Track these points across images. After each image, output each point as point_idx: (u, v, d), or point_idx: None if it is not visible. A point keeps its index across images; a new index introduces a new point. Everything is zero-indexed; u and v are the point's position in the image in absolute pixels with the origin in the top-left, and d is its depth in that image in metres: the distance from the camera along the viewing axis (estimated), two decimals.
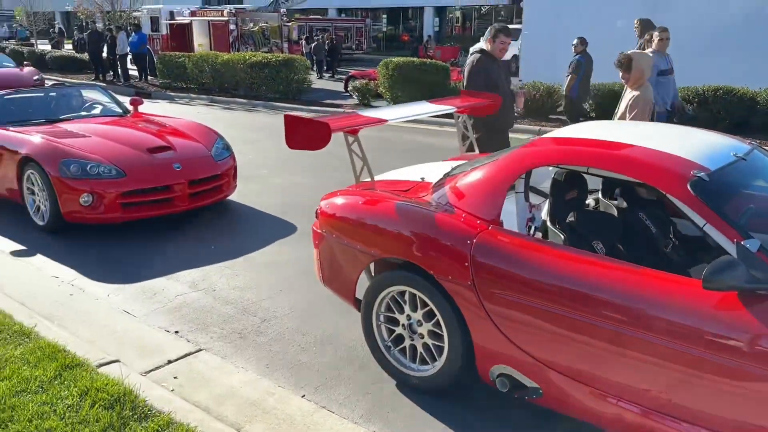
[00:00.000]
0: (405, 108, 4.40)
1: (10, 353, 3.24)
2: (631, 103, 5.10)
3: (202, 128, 6.75)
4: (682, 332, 2.30)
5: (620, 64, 5.12)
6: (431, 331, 3.12)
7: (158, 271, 4.86)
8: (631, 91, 5.20)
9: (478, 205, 3.03)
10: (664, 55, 7.02)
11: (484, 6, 38.59)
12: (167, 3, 29.07)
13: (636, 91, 5.11)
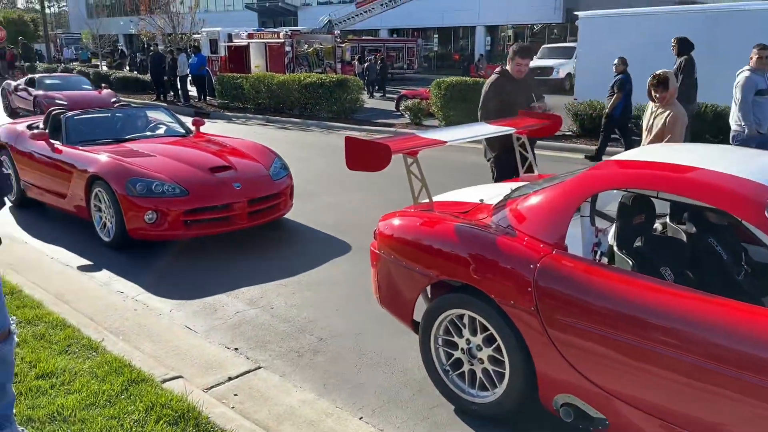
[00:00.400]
0: (464, 129, 4.39)
1: (79, 367, 3.35)
2: (670, 121, 5.07)
3: (261, 148, 6.91)
4: (757, 365, 2.19)
5: (658, 82, 5.14)
6: (491, 356, 3.08)
7: (218, 287, 4.96)
8: (663, 108, 5.17)
9: (542, 229, 2.98)
10: (764, 74, 6.75)
11: (536, 24, 38.37)
12: (226, 26, 30.04)
13: (668, 109, 5.12)
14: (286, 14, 47.03)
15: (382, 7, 30.06)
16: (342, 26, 29.43)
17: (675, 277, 3.06)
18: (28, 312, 4.05)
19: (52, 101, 13.52)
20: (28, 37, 41.75)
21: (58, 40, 44.82)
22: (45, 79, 16.45)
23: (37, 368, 3.32)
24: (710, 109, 10.49)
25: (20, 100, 16.13)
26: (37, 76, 16.72)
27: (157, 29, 21.54)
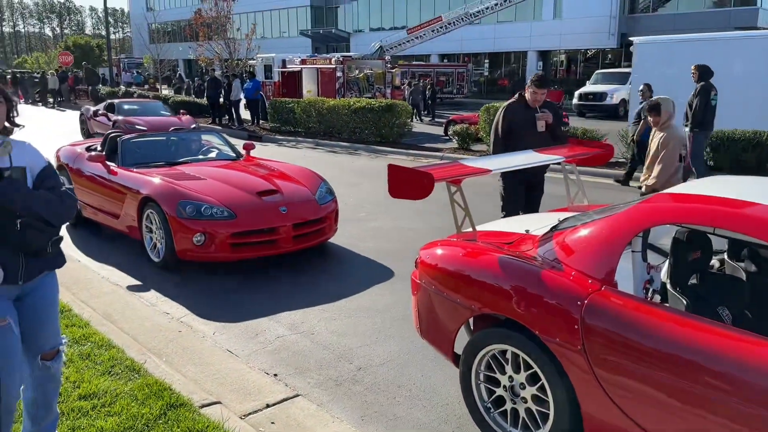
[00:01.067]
0: (510, 158, 4.31)
1: (120, 388, 3.39)
2: (662, 141, 5.62)
3: (308, 172, 6.97)
4: None
5: (651, 108, 5.72)
6: (535, 395, 2.95)
7: (261, 311, 4.97)
8: (659, 132, 5.72)
9: (591, 264, 2.86)
10: None
11: (590, 49, 37.92)
12: (281, 51, 30.81)
13: (663, 132, 5.66)
14: (339, 40, 47.98)
15: (432, 33, 30.36)
16: (393, 52, 29.80)
17: (733, 317, 2.89)
18: (76, 331, 4.14)
19: (132, 127, 13.27)
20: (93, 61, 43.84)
21: (121, 64, 46.88)
22: (123, 104, 16.29)
23: (80, 388, 3.37)
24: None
25: (99, 125, 15.89)
26: (116, 102, 16.58)
27: (214, 55, 22.23)
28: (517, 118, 5.56)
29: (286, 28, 53.00)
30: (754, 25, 28.33)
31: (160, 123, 14.54)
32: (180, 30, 55.13)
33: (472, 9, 30.25)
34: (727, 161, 10.53)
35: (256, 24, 27.02)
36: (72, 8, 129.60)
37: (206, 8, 21.63)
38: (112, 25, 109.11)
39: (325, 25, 49.79)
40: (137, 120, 14.70)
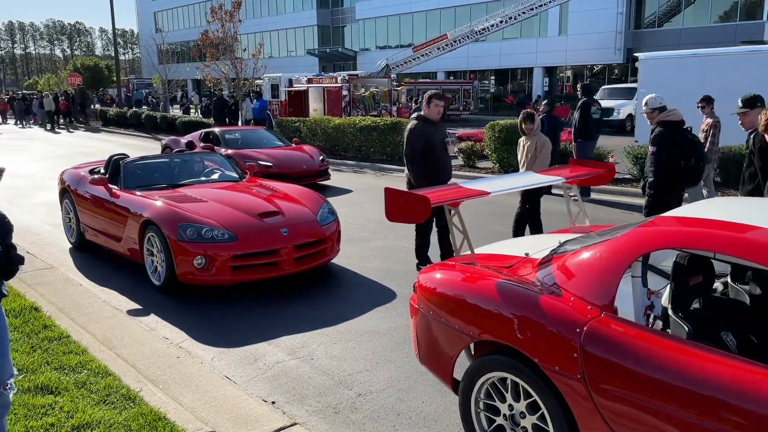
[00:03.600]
0: (510, 179, 4.27)
1: (115, 419, 3.34)
2: (539, 144, 6.74)
3: (310, 193, 6.94)
4: None
5: (526, 117, 6.87)
6: (536, 424, 2.88)
7: (261, 335, 4.92)
8: (528, 139, 6.86)
9: (590, 289, 2.80)
10: None
11: (596, 65, 37.96)
12: (288, 71, 31.06)
13: (536, 137, 6.80)
14: (346, 59, 48.34)
15: (438, 51, 30.50)
16: (399, 70, 29.95)
17: (737, 343, 2.81)
18: (72, 358, 4.10)
19: (254, 163, 10.30)
20: (104, 82, 44.29)
21: (131, 84, 47.38)
22: (225, 134, 13.34)
23: (74, 419, 3.33)
24: None
25: None
26: (217, 131, 13.62)
27: (221, 75, 22.41)
28: (428, 136, 6.11)
29: (293, 47, 53.50)
30: (761, 38, 28.23)
31: (288, 159, 12.02)
32: (188, 50, 55.76)
33: (478, 27, 30.41)
34: (732, 179, 10.42)
35: (263, 44, 27.23)
36: (82, 30, 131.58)
37: (213, 29, 21.83)
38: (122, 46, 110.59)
39: (331, 44, 50.24)
40: (258, 154, 11.85)
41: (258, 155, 11.84)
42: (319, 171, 12.27)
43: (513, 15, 29.14)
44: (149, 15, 64.72)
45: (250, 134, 13.84)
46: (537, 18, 33.14)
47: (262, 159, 11.62)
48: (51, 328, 4.69)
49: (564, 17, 36.52)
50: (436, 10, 42.22)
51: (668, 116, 5.91)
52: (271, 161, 11.71)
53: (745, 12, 30.91)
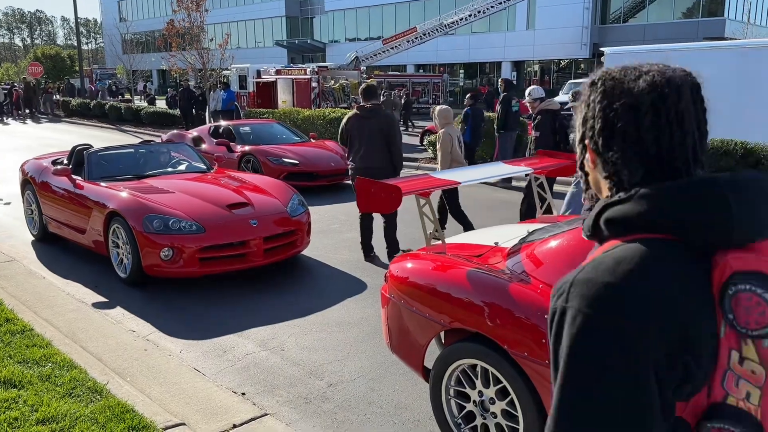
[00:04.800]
0: (479, 170, 4.30)
1: (81, 412, 3.28)
2: (441, 135, 6.99)
3: (280, 184, 6.90)
4: None
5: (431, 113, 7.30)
6: (505, 410, 2.92)
7: (230, 327, 4.88)
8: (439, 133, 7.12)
9: (558, 276, 2.84)
10: None
11: (563, 59, 38.44)
12: (256, 62, 30.69)
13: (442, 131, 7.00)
14: (315, 51, 48.01)
15: (408, 44, 30.47)
16: (368, 62, 29.84)
17: None
18: (36, 351, 4.01)
19: (279, 161, 10.35)
20: (65, 72, 43.18)
21: (94, 75, 46.27)
22: (240, 128, 12.08)
23: (38, 412, 3.26)
24: (739, 145, 10.25)
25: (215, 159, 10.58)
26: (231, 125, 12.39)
27: (187, 65, 22.03)
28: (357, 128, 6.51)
29: (261, 38, 52.90)
30: (722, 35, 28.97)
31: (315, 156, 10.92)
32: (153, 40, 54.72)
33: (447, 20, 30.46)
34: None
35: (230, 34, 26.82)
36: (43, 18, 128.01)
37: (179, 19, 21.42)
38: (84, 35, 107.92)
39: (300, 36, 49.83)
40: (282, 152, 10.81)
41: (283, 152, 10.75)
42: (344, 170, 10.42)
43: (481, 9, 29.28)
44: (113, 3, 63.23)
45: (263, 128, 12.43)
46: (505, 12, 33.35)
47: (287, 156, 10.60)
48: (13, 321, 4.57)
49: (532, 12, 36.87)
50: (406, 2, 42.22)
51: (548, 105, 6.92)
52: (297, 159, 10.60)
53: (708, 9, 31.65)
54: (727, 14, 30.67)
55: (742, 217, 0.96)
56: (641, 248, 0.97)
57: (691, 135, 1.06)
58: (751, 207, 0.97)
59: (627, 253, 0.98)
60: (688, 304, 0.94)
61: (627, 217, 1.01)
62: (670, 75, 1.10)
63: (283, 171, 10.17)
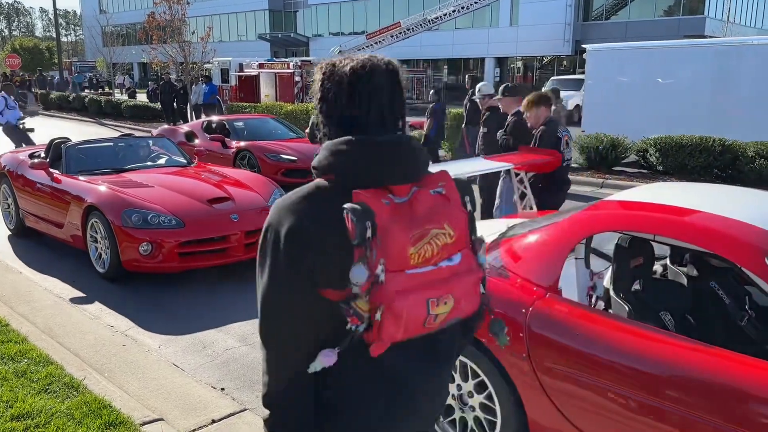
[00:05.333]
0: (459, 165, 4.32)
1: (57, 407, 3.24)
2: None
3: (261, 179, 6.87)
4: (759, 422, 2.05)
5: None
6: (483, 403, 2.94)
7: (210, 322, 4.85)
8: None
9: (535, 271, 2.87)
10: None
11: (546, 56, 38.63)
12: (239, 55, 30.45)
13: None
14: (298, 45, 47.74)
15: (392, 39, 30.49)
16: None
17: (675, 322, 2.93)
18: (11, 347, 3.96)
19: (276, 158, 9.97)
20: (44, 64, 42.53)
21: (73, 67, 45.63)
22: (234, 123, 11.72)
23: (13, 408, 3.22)
24: (718, 142, 10.39)
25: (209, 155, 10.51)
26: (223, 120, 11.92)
27: (168, 58, 21.80)
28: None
29: (244, 31, 52.48)
30: (702, 33, 29.30)
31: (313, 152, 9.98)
32: (134, 33, 54.06)
33: (431, 15, 30.50)
34: (675, 166, 10.82)
35: (212, 27, 26.57)
36: (21, 9, 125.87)
37: (160, 11, 21.17)
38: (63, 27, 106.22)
39: (283, 30, 49.51)
40: (280, 147, 10.37)
41: (280, 148, 10.29)
42: None
43: (465, 5, 29.34)
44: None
45: (258, 124, 12.04)
46: (489, 8, 33.48)
47: (285, 152, 10.15)
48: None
49: (515, 8, 36.98)
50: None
51: (495, 102, 6.96)
52: (295, 155, 10.09)
53: (688, 7, 31.97)
54: (708, 12, 31.01)
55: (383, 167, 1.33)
56: (311, 186, 1.37)
57: (380, 106, 1.38)
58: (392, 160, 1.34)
59: (302, 191, 1.37)
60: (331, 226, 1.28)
61: (316, 163, 1.39)
62: (369, 62, 1.39)
63: (281, 167, 9.88)
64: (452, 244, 1.36)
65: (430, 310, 1.32)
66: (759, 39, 15.98)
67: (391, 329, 1.29)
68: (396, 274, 1.28)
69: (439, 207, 1.35)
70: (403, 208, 1.31)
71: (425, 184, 1.36)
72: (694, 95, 12.88)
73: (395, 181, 1.33)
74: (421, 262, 1.31)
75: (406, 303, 1.28)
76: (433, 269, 1.33)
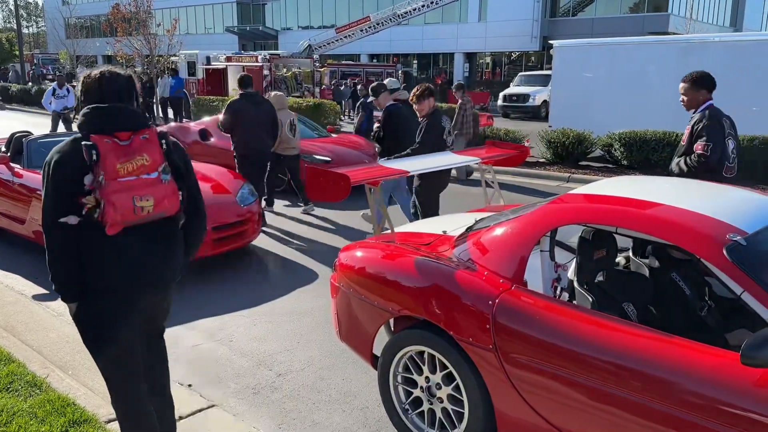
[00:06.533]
0: (428, 159, 4.34)
1: (19, 406, 3.18)
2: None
3: (228, 173, 6.79)
4: (717, 410, 2.12)
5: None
6: (451, 395, 2.97)
7: (177, 319, 4.77)
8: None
9: (502, 263, 2.91)
10: None
11: (514, 52, 38.97)
12: (207, 48, 30.03)
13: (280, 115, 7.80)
14: (267, 38, 47.30)
15: (361, 33, 30.36)
16: (321, 51, 29.60)
17: (638, 312, 3.00)
18: None
19: (310, 158, 9.14)
20: (4, 56, 41.30)
21: (35, 60, 44.44)
22: None
23: None
24: (680, 137, 10.61)
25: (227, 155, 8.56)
26: None
27: (134, 51, 21.38)
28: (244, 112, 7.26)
29: (211, 24, 51.76)
30: (665, 30, 29.91)
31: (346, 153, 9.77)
32: (98, 24, 52.87)
33: (400, 10, 30.45)
34: (639, 160, 11.04)
35: (178, 19, 26.14)
36: None
37: (125, 3, 20.75)
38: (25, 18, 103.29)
39: (252, 23, 48.95)
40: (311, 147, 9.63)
41: (312, 148, 9.55)
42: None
43: (434, 0, 29.38)
44: None
45: None
46: (458, 4, 33.57)
47: (318, 153, 9.47)
48: None
49: (484, 4, 37.23)
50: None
51: (398, 96, 7.41)
52: (328, 155, 9.46)
53: (653, 4, 32.58)
54: (671, 10, 31.66)
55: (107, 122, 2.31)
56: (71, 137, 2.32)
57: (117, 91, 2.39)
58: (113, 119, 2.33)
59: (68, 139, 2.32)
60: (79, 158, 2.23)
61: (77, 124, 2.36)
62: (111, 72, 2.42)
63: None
64: (149, 165, 2.31)
65: (136, 203, 2.25)
66: (720, 36, 16.37)
67: (112, 214, 2.22)
68: (111, 181, 2.21)
69: (143, 145, 2.32)
70: (121, 146, 2.28)
71: (139, 133, 2.34)
72: (658, 91, 13.14)
73: (117, 130, 2.30)
74: (126, 174, 2.25)
75: (118, 197, 2.22)
76: (136, 179, 2.27)
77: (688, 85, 4.71)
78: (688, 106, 4.74)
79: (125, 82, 2.41)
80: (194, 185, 2.59)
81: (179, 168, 2.46)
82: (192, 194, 2.57)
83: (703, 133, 4.48)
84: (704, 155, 4.42)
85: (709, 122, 4.50)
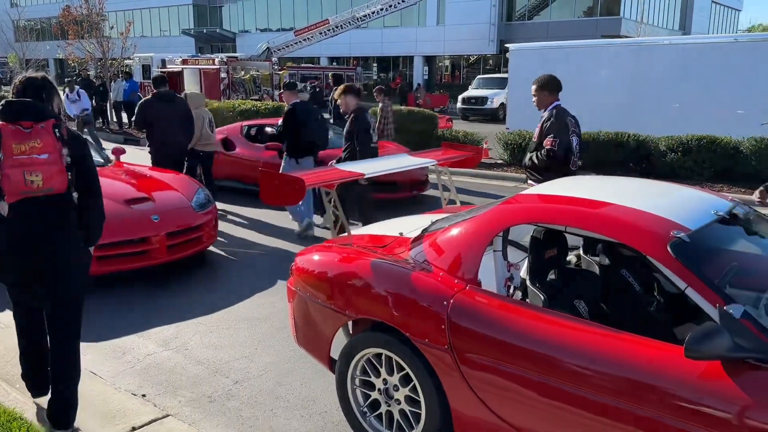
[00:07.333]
0: (384, 162, 4.35)
1: None
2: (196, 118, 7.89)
3: (184, 178, 6.68)
4: (665, 402, 2.17)
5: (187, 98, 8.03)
6: (408, 396, 2.98)
7: (131, 327, 4.68)
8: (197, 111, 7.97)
9: (456, 264, 2.93)
10: None
11: (472, 55, 39.41)
12: (162, 51, 29.48)
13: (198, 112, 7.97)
14: (225, 40, 46.73)
15: (321, 36, 30.23)
16: (280, 54, 29.37)
17: (589, 309, 3.06)
18: None
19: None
20: None
21: None
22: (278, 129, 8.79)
23: None
24: (632, 138, 10.90)
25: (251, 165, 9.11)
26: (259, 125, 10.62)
27: (86, 54, 20.83)
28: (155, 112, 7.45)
29: (167, 26, 50.86)
30: (618, 33, 30.66)
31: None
32: (49, 27, 51.37)
33: (359, 13, 30.44)
34: (593, 161, 11.27)
35: (132, 22, 25.57)
36: None
37: (75, 5, 20.21)
38: None
39: (209, 25, 48.29)
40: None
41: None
42: (426, 179, 9.36)
43: (393, 3, 29.43)
44: None
45: None
46: (416, 7, 33.76)
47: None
48: None
49: (441, 8, 37.53)
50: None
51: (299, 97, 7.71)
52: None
53: (606, 8, 33.35)
54: (623, 14, 32.47)
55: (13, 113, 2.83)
56: None
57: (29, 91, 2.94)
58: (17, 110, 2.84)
59: None
60: None
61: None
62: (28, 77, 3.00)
63: None
64: (40, 148, 2.79)
65: (26, 177, 2.77)
66: (670, 39, 16.87)
67: (7, 185, 2.76)
68: (9, 158, 2.74)
69: (39, 132, 2.82)
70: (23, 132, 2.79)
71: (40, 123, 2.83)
72: (610, 92, 13.48)
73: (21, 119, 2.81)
74: (19, 153, 2.76)
75: (12, 171, 2.75)
76: (27, 158, 2.77)
77: (537, 88, 5.06)
78: (539, 106, 5.10)
79: (40, 83, 2.98)
80: (88, 171, 3.03)
81: (75, 156, 2.93)
82: (84, 178, 3.00)
83: (551, 130, 4.84)
84: (552, 150, 4.79)
85: (555, 120, 4.86)
